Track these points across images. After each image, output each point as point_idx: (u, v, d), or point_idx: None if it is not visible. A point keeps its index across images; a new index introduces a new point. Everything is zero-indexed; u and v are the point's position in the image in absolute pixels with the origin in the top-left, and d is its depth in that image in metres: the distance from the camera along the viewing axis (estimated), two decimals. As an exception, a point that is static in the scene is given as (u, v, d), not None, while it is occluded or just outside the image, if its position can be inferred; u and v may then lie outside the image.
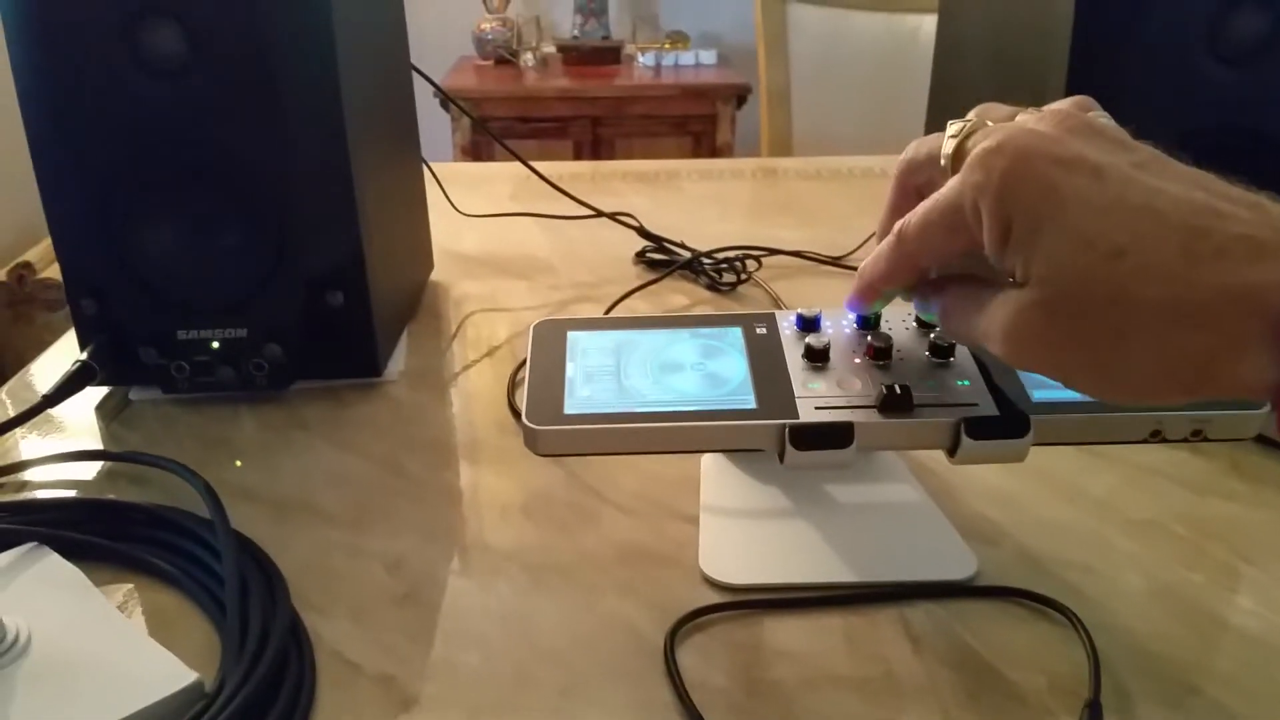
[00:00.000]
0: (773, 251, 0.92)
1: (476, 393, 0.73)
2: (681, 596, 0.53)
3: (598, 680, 0.48)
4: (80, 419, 0.70)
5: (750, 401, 0.44)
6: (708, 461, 0.62)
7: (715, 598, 0.53)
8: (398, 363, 0.75)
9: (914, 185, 0.43)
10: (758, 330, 0.48)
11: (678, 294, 0.89)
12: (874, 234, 0.46)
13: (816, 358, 0.46)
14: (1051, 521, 0.59)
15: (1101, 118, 0.40)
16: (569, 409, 0.44)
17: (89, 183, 0.64)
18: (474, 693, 0.47)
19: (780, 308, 0.85)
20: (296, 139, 0.64)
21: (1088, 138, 0.37)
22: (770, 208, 1.09)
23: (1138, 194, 0.35)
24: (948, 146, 0.42)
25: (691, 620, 0.51)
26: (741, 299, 0.87)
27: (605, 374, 0.46)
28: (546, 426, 0.43)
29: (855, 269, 0.96)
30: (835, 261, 0.93)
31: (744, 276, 0.89)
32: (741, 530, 0.57)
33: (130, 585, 0.54)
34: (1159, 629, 0.51)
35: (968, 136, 0.40)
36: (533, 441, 0.44)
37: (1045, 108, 0.40)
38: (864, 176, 1.16)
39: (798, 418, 0.43)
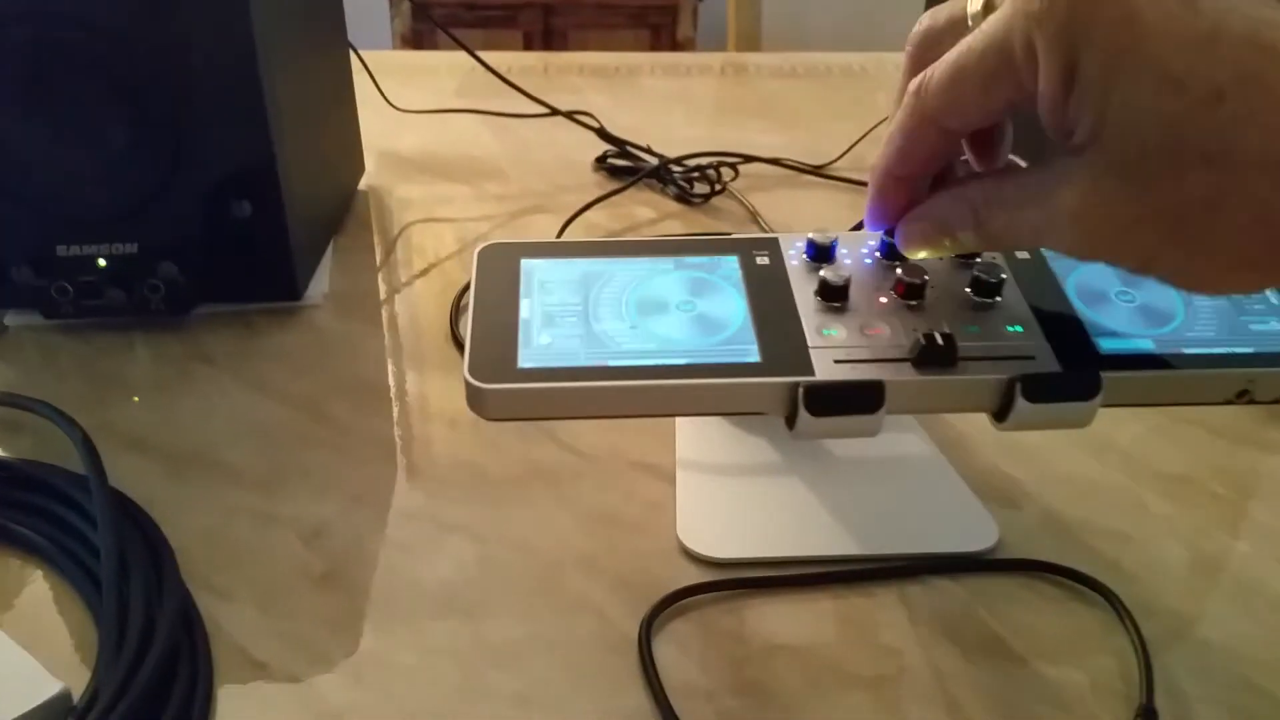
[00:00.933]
0: (748, 159, 0.83)
1: (415, 321, 0.63)
2: (657, 574, 0.45)
3: (560, 683, 0.40)
4: (-58, 348, 0.59)
5: (753, 353, 0.35)
6: (683, 405, 0.53)
7: (696, 575, 0.45)
8: (321, 284, 0.65)
9: (932, 61, 0.34)
10: (758, 260, 0.39)
11: (643, 206, 0.79)
12: (859, 140, 0.37)
13: (833, 296, 0.37)
14: (1077, 479, 0.51)
15: None
16: (524, 361, 0.35)
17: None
18: (409, 700, 0.39)
19: (759, 223, 0.75)
20: (189, 15, 0.52)
21: None
22: (742, 110, 0.99)
23: (1240, 23, 0.28)
24: (975, 3, 0.34)
25: (669, 605, 0.43)
26: (715, 213, 0.78)
27: (570, 315, 0.37)
28: (496, 385, 0.34)
29: (838, 180, 0.89)
30: (817, 171, 0.83)
31: (718, 187, 0.79)
32: (724, 492, 0.49)
33: (-13, 561, 0.44)
34: (1209, 610, 0.44)
35: None
36: (479, 403, 0.34)
37: None
38: (844, 76, 1.06)
39: (813, 375, 0.34)
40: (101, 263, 0.57)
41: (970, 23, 0.34)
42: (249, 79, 0.54)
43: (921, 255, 0.37)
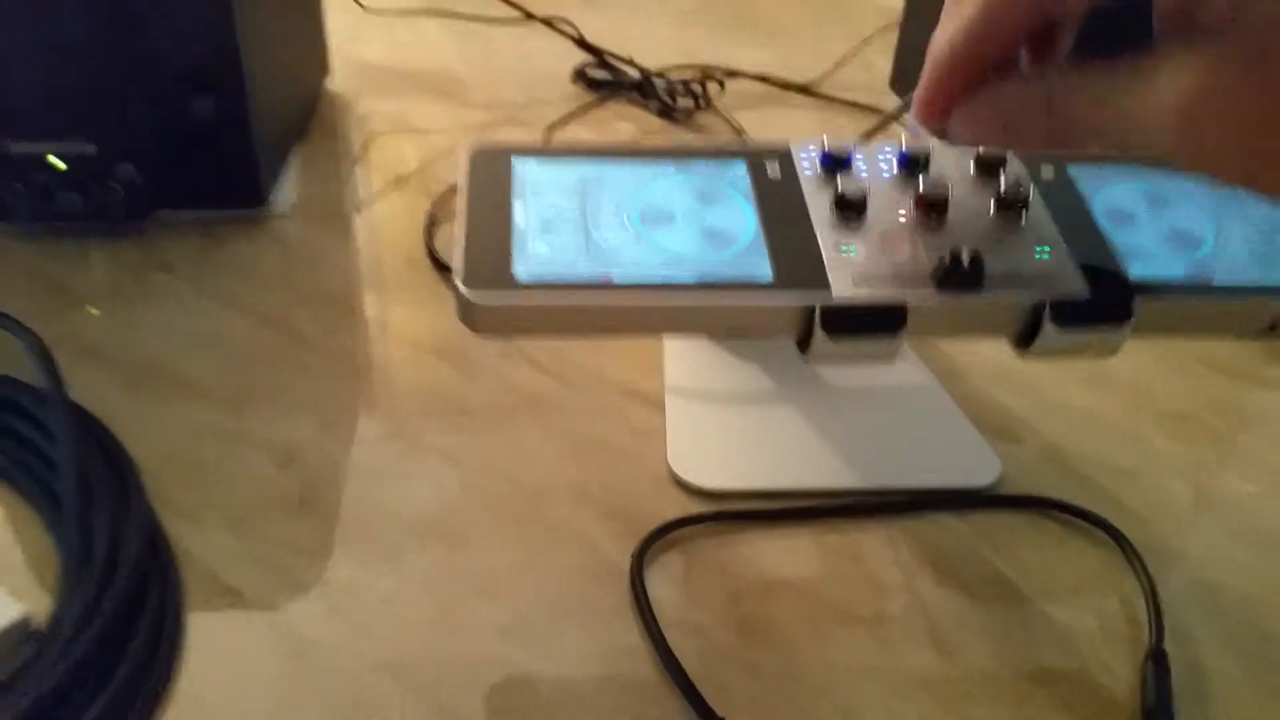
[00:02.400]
0: (734, 74, 0.79)
1: (386, 235, 0.60)
2: (648, 503, 0.42)
3: (547, 616, 0.38)
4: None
5: (765, 269, 0.33)
6: (672, 329, 0.51)
7: (689, 505, 0.43)
8: (286, 191, 0.61)
9: None
10: (769, 168, 0.36)
11: (624, 120, 0.75)
12: (847, 60, 0.32)
13: (851, 210, 0.34)
14: (1078, 411, 0.50)
15: None
16: (520, 271, 0.32)
17: None
18: (388, 631, 0.37)
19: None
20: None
21: None
22: (723, 21, 0.95)
23: None
24: None
25: (662, 536, 0.41)
26: (700, 130, 0.75)
27: (567, 222, 0.34)
28: (491, 295, 0.31)
29: (826, 99, 0.86)
30: (806, 90, 0.80)
31: (703, 103, 0.76)
32: (716, 420, 0.47)
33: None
34: (1217, 553, 0.43)
35: None
36: (471, 316, 0.31)
37: None
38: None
39: (830, 294, 0.32)
40: (57, 163, 0.53)
41: None
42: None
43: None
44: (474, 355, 0.50)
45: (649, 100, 0.77)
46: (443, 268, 0.55)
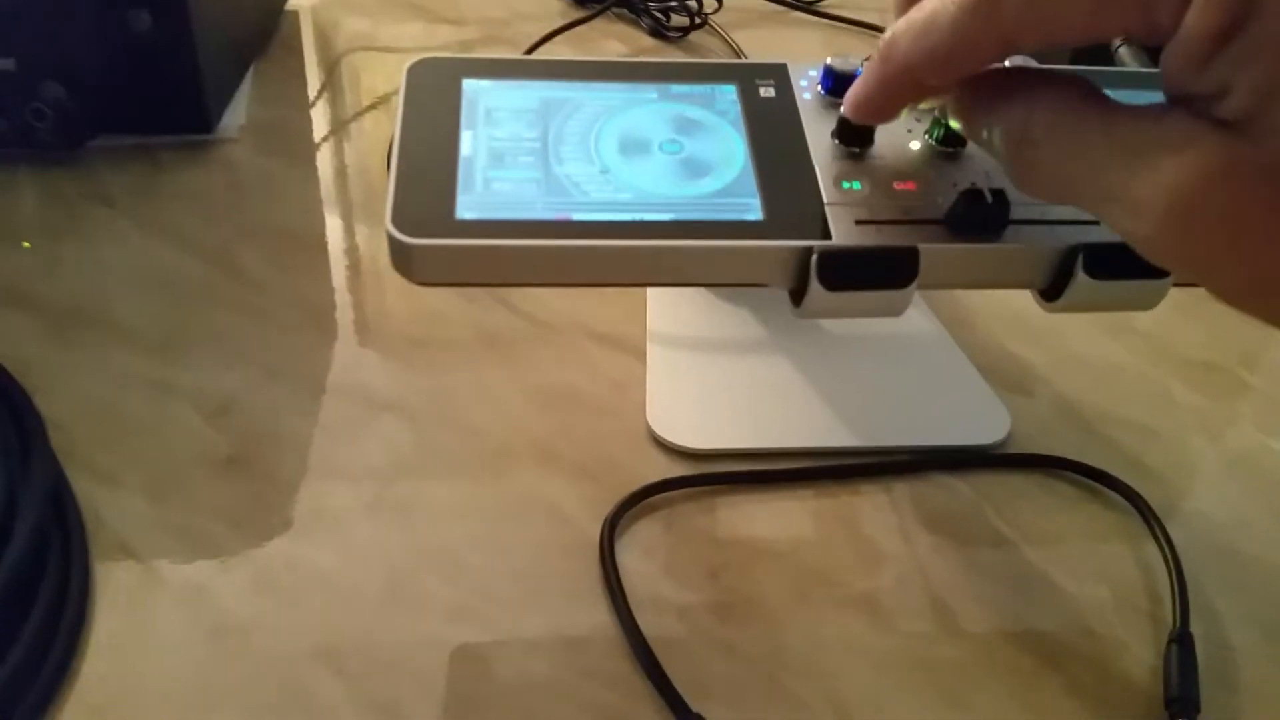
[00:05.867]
0: (731, -10, 0.74)
1: (348, 163, 0.55)
2: (622, 465, 0.39)
3: (505, 595, 0.34)
4: None
5: (754, 208, 0.28)
6: (655, 269, 0.46)
7: (667, 467, 0.39)
8: (237, 114, 0.56)
9: None
10: (762, 91, 0.31)
11: (613, 39, 0.70)
12: None
13: (855, 140, 0.29)
14: (1094, 362, 0.46)
15: None
16: (464, 211, 0.27)
17: None
18: (324, 612, 0.33)
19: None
20: None
21: None
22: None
23: None
24: None
25: (636, 503, 0.37)
26: (694, 50, 0.69)
27: (524, 153, 0.29)
28: (426, 240, 0.27)
29: (830, 19, 0.80)
30: (808, 7, 0.75)
31: (698, 20, 0.70)
32: (701, 372, 0.42)
33: None
34: (1243, 517, 0.39)
35: None
36: (404, 262, 0.27)
37: None
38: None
39: (829, 238, 0.27)
40: (-28, 81, 0.48)
41: None
42: None
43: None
44: (437, 297, 0.46)
45: (640, 17, 0.72)
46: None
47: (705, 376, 0.42)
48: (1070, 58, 0.29)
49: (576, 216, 0.28)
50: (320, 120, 0.59)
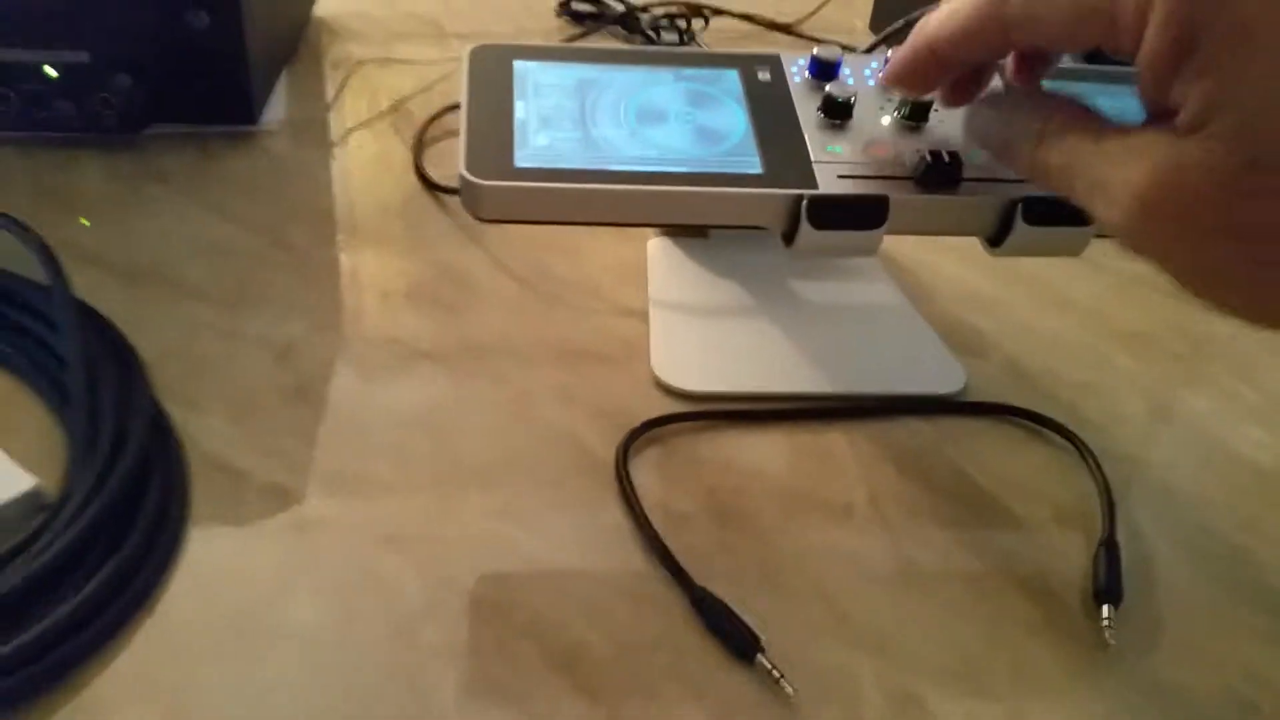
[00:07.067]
0: (719, 12, 0.80)
1: (375, 152, 0.61)
2: (632, 405, 0.44)
3: (536, 501, 0.40)
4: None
5: (755, 164, 0.35)
6: (655, 249, 0.52)
7: (671, 406, 0.45)
8: (276, 110, 0.62)
9: None
10: (759, 75, 0.38)
11: (608, 55, 0.76)
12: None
13: (836, 113, 0.36)
14: (1041, 331, 0.52)
15: None
16: (521, 160, 0.34)
17: None
18: (385, 512, 0.39)
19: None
20: None
21: None
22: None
23: None
24: None
25: (646, 431, 0.43)
26: (683, 65, 0.76)
27: (566, 119, 0.35)
28: (493, 181, 0.33)
29: (812, 39, 0.87)
30: (789, 30, 0.82)
31: (687, 38, 0.77)
32: (698, 330, 0.48)
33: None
34: (1167, 458, 0.45)
35: None
36: (474, 201, 0.33)
37: None
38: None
39: (816, 187, 0.34)
40: (50, 72, 0.54)
41: None
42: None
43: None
44: (461, 270, 0.51)
45: (633, 34, 0.78)
46: (431, 186, 0.57)
47: (702, 334, 0.48)
48: (1085, 56, 0.35)
49: (613, 166, 0.34)
50: (347, 119, 0.64)
